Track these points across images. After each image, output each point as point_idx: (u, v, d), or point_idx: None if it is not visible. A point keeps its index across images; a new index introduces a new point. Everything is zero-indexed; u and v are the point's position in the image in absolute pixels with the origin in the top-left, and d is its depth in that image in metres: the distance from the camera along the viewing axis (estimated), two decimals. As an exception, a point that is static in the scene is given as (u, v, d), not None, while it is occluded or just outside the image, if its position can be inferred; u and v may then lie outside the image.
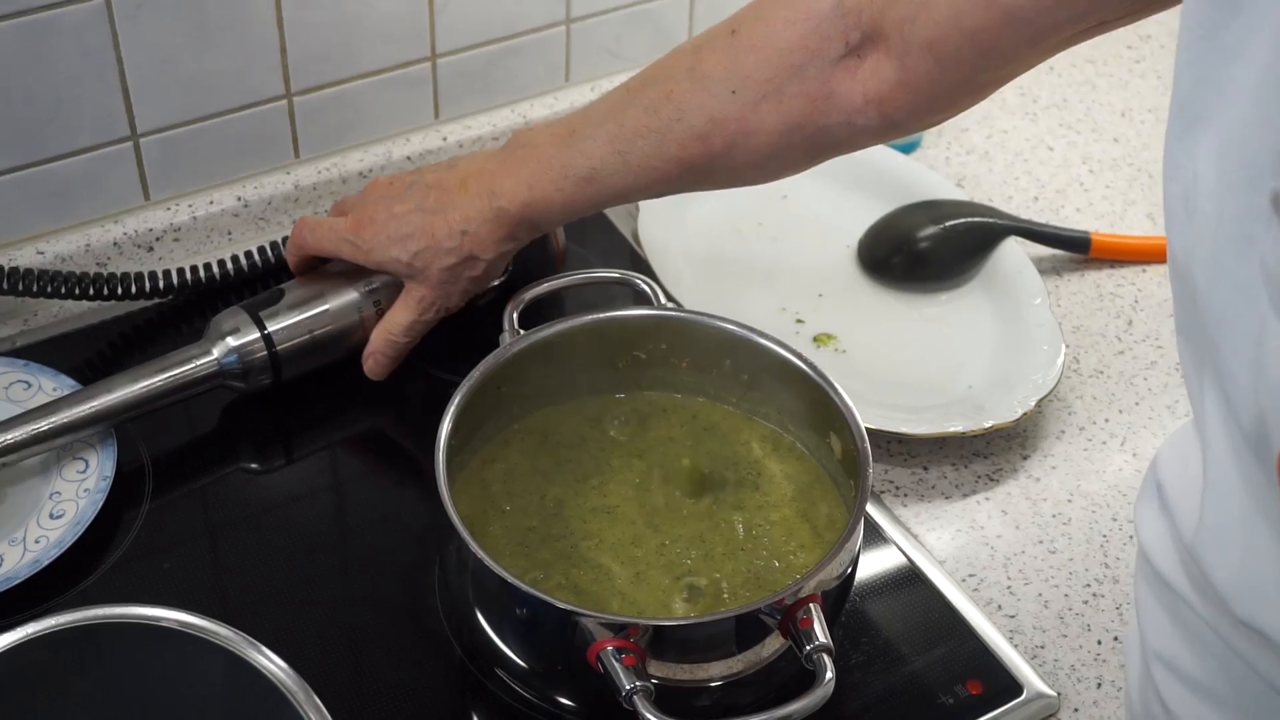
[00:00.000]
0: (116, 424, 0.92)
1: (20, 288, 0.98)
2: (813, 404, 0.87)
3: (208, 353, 0.94)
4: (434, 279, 0.94)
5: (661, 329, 0.90)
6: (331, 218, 0.97)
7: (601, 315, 0.90)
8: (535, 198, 0.90)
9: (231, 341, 0.95)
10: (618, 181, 0.88)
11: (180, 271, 1.03)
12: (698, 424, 0.91)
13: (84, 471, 0.90)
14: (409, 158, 1.14)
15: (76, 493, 0.89)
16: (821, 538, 0.85)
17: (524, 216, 0.91)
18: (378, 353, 0.97)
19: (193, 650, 0.71)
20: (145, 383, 0.92)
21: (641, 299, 0.93)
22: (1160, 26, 1.35)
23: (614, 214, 1.13)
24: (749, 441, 0.90)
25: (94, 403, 0.91)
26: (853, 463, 0.82)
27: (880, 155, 1.16)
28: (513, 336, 0.89)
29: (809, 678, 0.74)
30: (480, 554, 0.76)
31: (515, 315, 0.90)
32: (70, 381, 0.95)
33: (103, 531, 0.89)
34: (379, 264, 0.95)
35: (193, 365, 0.94)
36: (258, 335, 0.95)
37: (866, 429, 0.83)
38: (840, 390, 0.85)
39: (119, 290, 1.01)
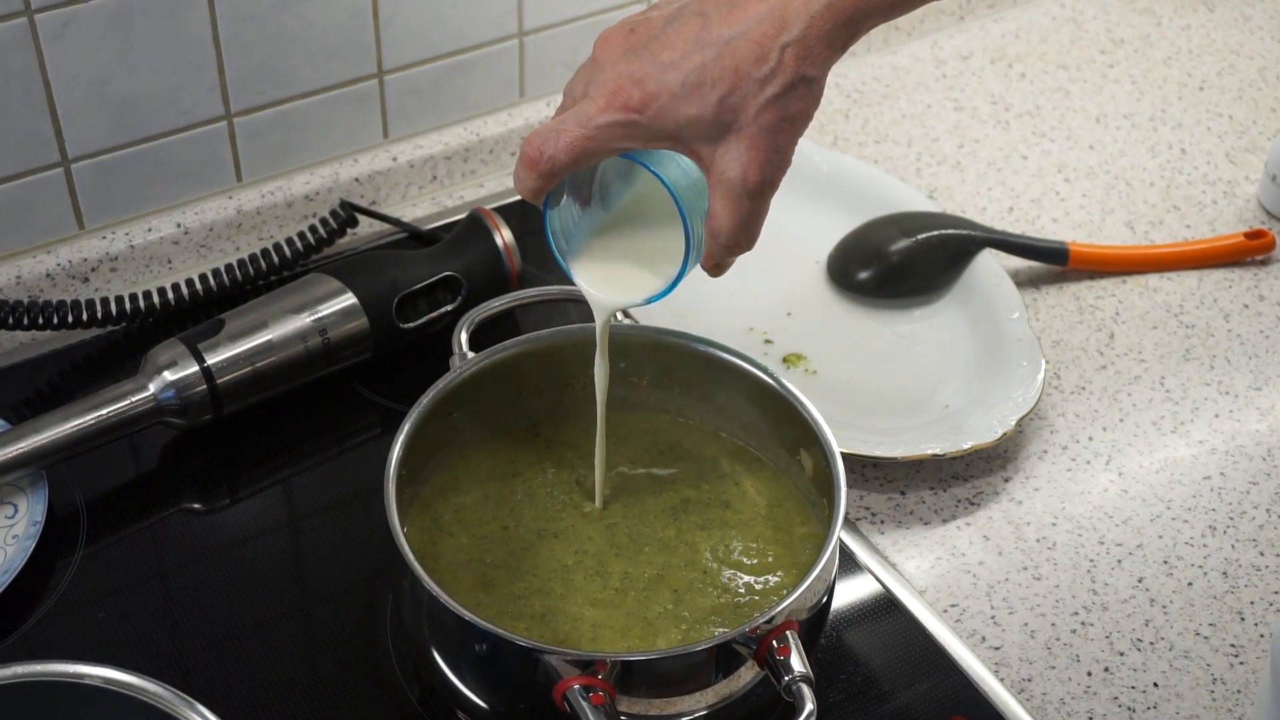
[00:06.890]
0: (48, 465, 0.90)
1: (-56, 320, 0.96)
2: (780, 420, 0.86)
3: (143, 388, 0.93)
4: (755, 128, 0.71)
5: (618, 346, 0.87)
6: (571, 112, 0.73)
7: (555, 333, 0.88)
8: None
9: (168, 376, 0.93)
10: None
11: (119, 300, 1.01)
12: (661, 442, 0.90)
13: (12, 516, 0.88)
14: (357, 179, 1.12)
15: (4, 539, 0.88)
16: (797, 560, 0.83)
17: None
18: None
19: (120, 710, 0.68)
20: (77, 421, 0.90)
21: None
22: (1132, 30, 1.33)
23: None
24: (717, 458, 0.89)
25: (22, 443, 0.89)
26: (825, 480, 0.82)
27: (851, 167, 1.15)
28: (463, 360, 0.87)
29: (787, 707, 0.72)
30: (434, 589, 0.74)
31: (465, 337, 0.89)
32: (-2, 421, 0.95)
33: (33, 580, 0.87)
34: (673, 135, 0.72)
35: (128, 402, 0.92)
36: (196, 369, 0.93)
37: (840, 453, 0.82)
38: (807, 404, 0.84)
39: (54, 319, 0.99)
